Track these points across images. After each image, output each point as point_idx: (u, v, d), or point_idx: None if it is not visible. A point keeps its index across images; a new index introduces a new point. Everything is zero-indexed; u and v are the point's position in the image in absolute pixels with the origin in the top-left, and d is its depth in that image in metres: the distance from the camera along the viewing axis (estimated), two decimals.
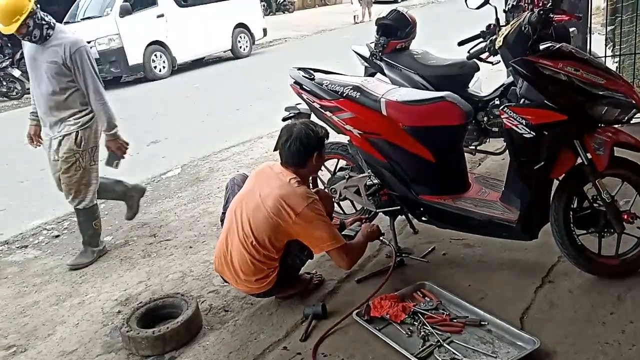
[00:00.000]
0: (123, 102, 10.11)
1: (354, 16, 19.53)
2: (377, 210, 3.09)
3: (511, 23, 2.55)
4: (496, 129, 3.78)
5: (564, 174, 2.49)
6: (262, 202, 2.50)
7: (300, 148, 2.53)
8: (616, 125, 2.47)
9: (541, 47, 2.39)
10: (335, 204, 3.37)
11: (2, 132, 9.18)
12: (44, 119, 3.57)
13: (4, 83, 11.98)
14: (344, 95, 2.86)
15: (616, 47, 4.62)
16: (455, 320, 2.34)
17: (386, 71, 4.11)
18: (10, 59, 12.70)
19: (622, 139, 2.35)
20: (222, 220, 2.87)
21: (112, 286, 3.33)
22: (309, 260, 2.75)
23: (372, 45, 4.17)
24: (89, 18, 12.05)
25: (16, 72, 12.10)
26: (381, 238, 2.83)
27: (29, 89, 12.46)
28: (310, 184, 2.96)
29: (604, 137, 2.34)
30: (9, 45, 16.24)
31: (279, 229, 2.48)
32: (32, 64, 3.46)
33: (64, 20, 12.49)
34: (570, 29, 3.56)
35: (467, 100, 2.92)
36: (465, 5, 3.05)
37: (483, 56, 2.93)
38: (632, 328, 2.21)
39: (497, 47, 2.57)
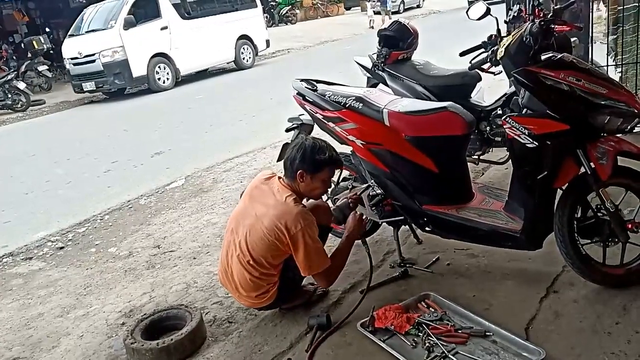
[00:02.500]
0: (127, 113, 10.22)
1: (370, 20, 20.83)
2: (381, 221, 3.09)
3: (512, 34, 2.56)
4: (499, 139, 3.78)
5: (567, 184, 2.49)
6: (258, 221, 2.47)
7: (297, 157, 2.48)
8: (619, 135, 2.47)
9: (542, 57, 2.40)
10: None
11: (7, 144, 9.25)
12: None
13: (9, 95, 12.09)
14: (347, 106, 2.87)
15: (618, 56, 4.63)
16: (460, 331, 2.33)
17: (388, 82, 4.12)
18: (15, 72, 12.84)
19: (625, 148, 2.35)
20: None
21: (116, 298, 3.33)
22: None
23: (374, 56, 4.19)
24: (93, 31, 12.20)
25: (21, 85, 12.24)
26: (364, 240, 2.78)
27: (34, 101, 12.65)
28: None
29: (606, 146, 2.33)
30: (14, 58, 16.44)
31: (275, 248, 2.47)
32: None
33: (69, 33, 12.68)
34: (572, 39, 3.57)
35: (470, 110, 2.93)
36: (466, 16, 3.07)
37: (485, 66, 2.94)
38: (638, 338, 2.19)
39: (498, 58, 2.58)
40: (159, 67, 12.20)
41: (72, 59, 12.23)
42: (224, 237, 2.74)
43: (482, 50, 2.94)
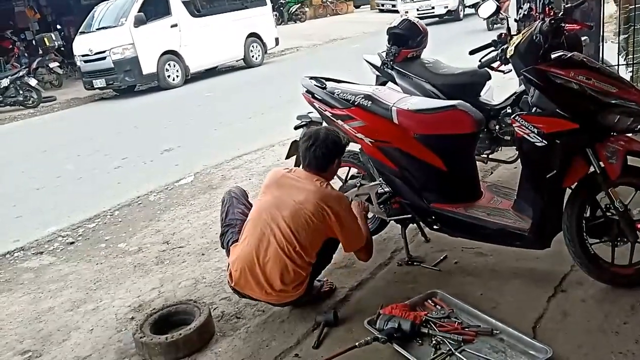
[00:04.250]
0: (137, 110, 10.27)
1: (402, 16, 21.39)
2: (389, 219, 3.09)
3: (522, 32, 2.55)
4: (508, 138, 3.78)
5: (576, 183, 2.48)
6: (300, 208, 2.51)
7: (326, 152, 2.61)
8: (629, 134, 2.45)
9: (552, 56, 2.40)
10: None
11: (19, 140, 9.34)
12: None
13: (21, 92, 12.17)
14: (356, 103, 2.88)
15: (629, 55, 4.59)
16: (467, 329, 2.33)
17: (397, 80, 4.12)
18: (27, 69, 12.92)
19: (634, 147, 2.34)
20: (222, 235, 2.83)
21: (125, 292, 3.36)
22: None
23: (384, 54, 4.19)
24: (104, 28, 12.26)
25: (32, 81, 12.31)
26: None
27: (45, 98, 12.72)
28: None
29: (616, 145, 2.32)
30: (26, 55, 16.55)
31: (320, 232, 2.54)
32: None
33: (80, 30, 12.74)
34: (583, 38, 3.56)
35: (479, 108, 2.92)
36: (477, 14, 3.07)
37: (494, 65, 2.94)
38: None
39: (508, 56, 2.58)
40: (168, 64, 12.24)
41: (82, 56, 12.30)
42: (246, 233, 2.64)
43: (492, 48, 2.94)
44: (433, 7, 18.18)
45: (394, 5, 25.02)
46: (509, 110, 3.74)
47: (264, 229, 2.55)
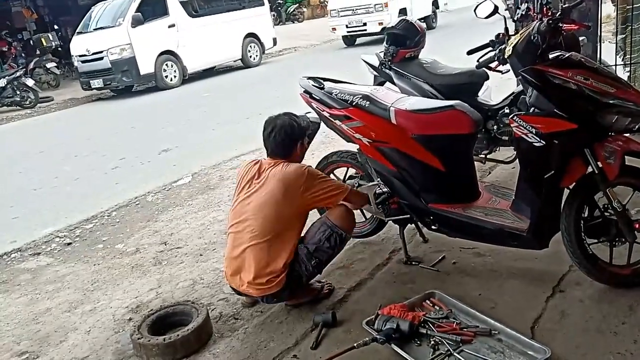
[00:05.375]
0: (134, 110, 10.26)
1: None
2: (387, 219, 3.09)
3: (520, 32, 2.55)
4: (506, 138, 3.77)
5: (574, 183, 2.48)
6: (271, 195, 2.58)
7: (285, 138, 2.68)
8: (627, 134, 2.46)
9: (550, 56, 2.40)
10: None
11: (16, 141, 9.32)
12: None
13: (18, 92, 12.15)
14: (354, 104, 2.87)
15: (627, 55, 4.60)
16: (465, 330, 2.33)
17: (395, 80, 4.12)
18: (24, 69, 12.90)
19: (632, 147, 2.34)
20: None
21: (123, 293, 3.35)
22: (318, 274, 2.77)
23: (382, 55, 4.19)
24: (101, 28, 12.24)
25: (29, 82, 12.29)
26: None
27: (42, 98, 12.68)
28: None
29: (614, 145, 2.32)
30: (23, 55, 16.54)
31: (292, 207, 2.60)
32: None
33: (77, 30, 12.73)
34: (580, 38, 3.56)
35: (477, 109, 2.92)
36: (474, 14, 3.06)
37: (492, 65, 2.94)
38: None
39: (506, 56, 2.57)
40: (166, 64, 12.23)
41: (80, 56, 12.29)
42: (230, 229, 2.73)
43: (490, 48, 2.94)
44: (365, 24, 14.57)
45: None
46: (507, 111, 3.74)
47: (238, 227, 2.64)
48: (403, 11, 14.45)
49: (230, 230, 2.71)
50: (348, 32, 15.11)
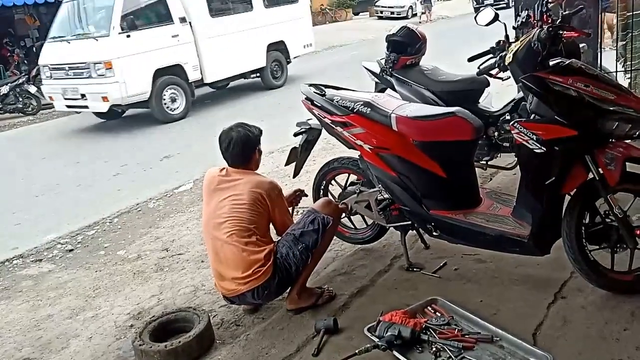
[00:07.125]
0: (136, 118, 10.26)
1: (420, 15, 24.26)
2: (388, 225, 3.09)
3: (521, 39, 2.56)
4: (507, 144, 3.78)
5: (575, 190, 2.48)
6: (238, 201, 2.67)
7: (244, 148, 2.79)
8: (627, 140, 2.46)
9: (551, 63, 2.41)
10: (346, 219, 3.40)
11: (18, 147, 9.34)
12: None
13: (20, 99, 12.18)
14: (355, 110, 2.88)
15: (627, 62, 4.61)
16: (467, 336, 2.33)
17: (396, 87, 4.13)
18: (27, 76, 12.93)
19: (633, 153, 2.34)
20: None
21: (125, 300, 3.35)
22: (307, 261, 2.74)
23: (382, 62, 4.21)
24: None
25: (32, 89, 12.31)
26: None
27: (44, 105, 12.60)
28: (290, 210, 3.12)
29: (615, 152, 2.33)
30: (25, 62, 16.59)
31: (260, 212, 2.70)
32: None
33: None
34: (581, 45, 3.57)
35: (478, 115, 2.93)
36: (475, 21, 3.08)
37: (493, 72, 2.94)
38: None
39: (506, 63, 2.59)
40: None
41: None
42: (207, 240, 2.81)
43: (491, 55, 2.95)
44: (84, 96, 8.90)
45: (392, 12, 25.17)
46: (508, 117, 3.75)
47: (213, 234, 2.71)
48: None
49: (208, 237, 2.77)
50: (67, 105, 9.41)
